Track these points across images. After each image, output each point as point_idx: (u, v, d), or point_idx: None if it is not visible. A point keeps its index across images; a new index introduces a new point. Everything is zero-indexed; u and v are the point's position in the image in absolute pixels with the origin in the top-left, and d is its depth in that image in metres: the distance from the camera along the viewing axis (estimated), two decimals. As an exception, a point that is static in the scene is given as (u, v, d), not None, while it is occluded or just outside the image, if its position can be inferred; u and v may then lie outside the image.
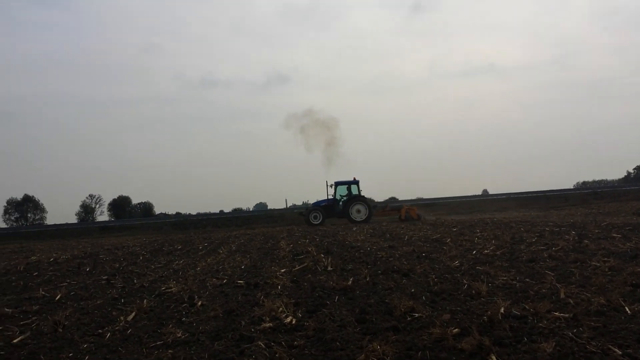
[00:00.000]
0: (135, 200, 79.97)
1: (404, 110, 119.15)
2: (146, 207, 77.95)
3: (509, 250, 10.27)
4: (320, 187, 32.33)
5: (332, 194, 32.04)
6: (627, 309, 5.02)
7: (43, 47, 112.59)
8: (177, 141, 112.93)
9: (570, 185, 63.89)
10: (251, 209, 66.75)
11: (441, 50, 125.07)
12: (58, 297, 7.98)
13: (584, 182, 70.94)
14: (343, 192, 31.90)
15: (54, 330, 5.71)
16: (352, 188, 31.77)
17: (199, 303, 6.73)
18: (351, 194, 31.58)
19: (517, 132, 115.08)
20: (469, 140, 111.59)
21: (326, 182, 32.53)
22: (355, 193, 31.59)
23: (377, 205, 38.19)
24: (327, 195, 32.34)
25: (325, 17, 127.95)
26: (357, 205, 30.82)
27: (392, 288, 6.99)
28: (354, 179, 32.01)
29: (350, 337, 4.73)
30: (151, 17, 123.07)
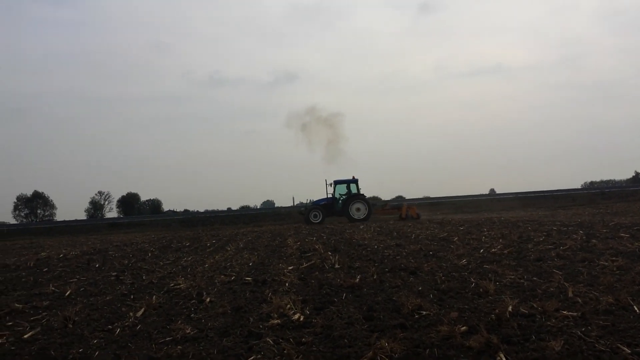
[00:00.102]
0: (143, 197, 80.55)
1: (410, 110, 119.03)
2: (154, 204, 78.35)
3: (517, 249, 10.25)
4: (321, 186, 32.11)
5: (331, 193, 32.06)
6: (636, 308, 5.02)
7: (52, 45, 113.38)
8: (185, 139, 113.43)
9: (577, 185, 63.57)
10: (258, 207, 66.86)
11: (447, 50, 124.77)
12: (68, 292, 8.03)
13: (592, 182, 70.55)
14: (342, 190, 31.88)
15: (64, 326, 5.75)
16: (351, 187, 31.77)
17: (208, 299, 6.77)
18: (350, 192, 31.57)
19: (524, 132, 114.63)
20: (475, 140, 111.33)
21: (325, 180, 32.63)
22: (354, 192, 31.57)
23: (377, 204, 38.12)
24: (326, 194, 32.38)
25: (332, 17, 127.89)
26: (357, 204, 30.78)
27: (400, 286, 7.01)
28: (353, 177, 32.01)
29: (358, 334, 4.75)
30: (159, 16, 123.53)
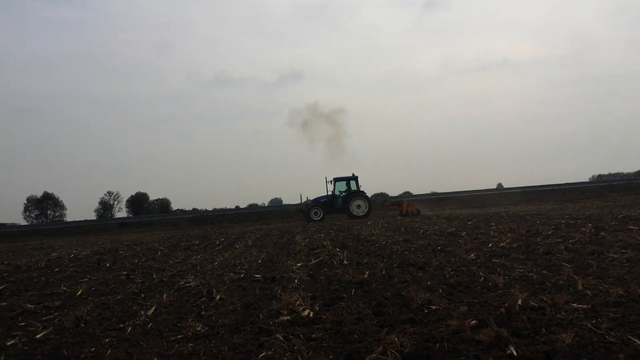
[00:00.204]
0: (152, 196, 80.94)
1: (417, 107, 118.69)
2: (163, 204, 78.70)
3: (525, 242, 10.22)
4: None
5: (331, 190, 32.07)
6: (646, 300, 5.00)
7: (60, 45, 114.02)
8: (192, 138, 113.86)
9: (585, 178, 63.22)
10: (266, 205, 66.98)
11: (453, 46, 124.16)
12: (79, 292, 8.08)
13: (600, 175, 70.04)
14: (342, 188, 31.89)
15: (76, 326, 5.79)
16: (351, 184, 31.75)
17: (218, 297, 6.80)
18: (350, 189, 31.56)
19: (531, 126, 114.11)
20: (482, 135, 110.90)
21: (325, 178, 32.65)
22: (354, 189, 31.53)
23: (377, 200, 38.05)
24: (327, 191, 32.41)
25: (337, 15, 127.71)
26: (357, 201, 30.78)
27: (409, 281, 7.01)
28: (353, 174, 32.00)
29: (368, 329, 4.76)
30: (165, 16, 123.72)
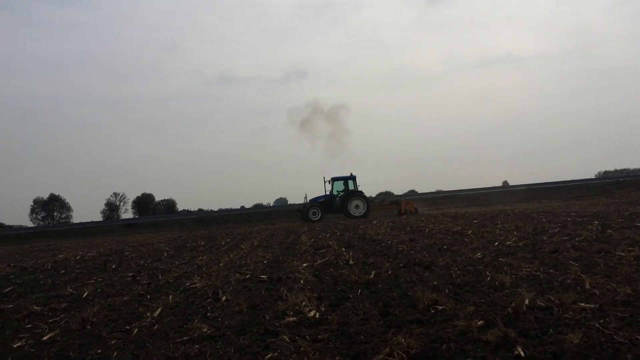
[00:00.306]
0: (158, 197, 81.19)
1: (421, 104, 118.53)
2: (169, 204, 78.95)
3: (532, 241, 10.17)
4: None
5: (329, 190, 32.11)
6: (655, 299, 4.96)
7: (65, 46, 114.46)
8: (197, 138, 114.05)
9: (591, 175, 62.93)
10: (272, 204, 67.04)
11: (457, 42, 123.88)
12: (85, 294, 8.10)
13: (606, 172, 69.75)
14: (340, 187, 31.91)
15: (82, 327, 5.80)
16: (349, 183, 31.74)
17: (224, 298, 6.80)
18: (348, 189, 31.54)
19: (536, 122, 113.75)
20: (487, 132, 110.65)
21: (323, 177, 32.75)
22: (352, 188, 31.53)
23: (375, 200, 38.03)
24: (325, 191, 32.43)
25: (341, 12, 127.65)
26: (356, 201, 30.81)
27: (415, 281, 6.99)
28: (351, 174, 32.01)
29: (374, 330, 4.75)
30: (169, 16, 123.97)
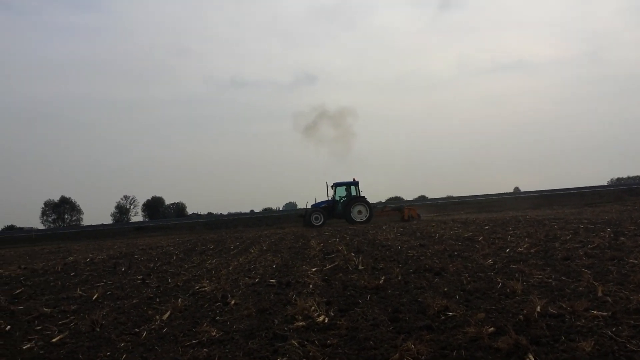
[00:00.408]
0: (168, 200, 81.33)
1: (432, 108, 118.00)
2: (179, 208, 79.08)
3: (543, 248, 10.08)
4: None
5: (331, 195, 32.06)
6: (669, 308, 4.89)
7: (77, 50, 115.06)
8: (207, 142, 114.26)
9: (604, 181, 62.20)
10: (281, 209, 67.11)
11: (468, 47, 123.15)
12: (95, 296, 8.14)
13: (619, 179, 68.97)
14: (342, 193, 31.84)
15: (92, 330, 5.82)
16: (352, 189, 31.68)
17: (232, 302, 6.80)
18: (350, 194, 31.48)
19: (548, 128, 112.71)
20: (498, 138, 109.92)
21: (326, 183, 32.72)
22: (355, 194, 31.46)
23: (377, 206, 37.91)
24: (327, 197, 32.41)
25: (352, 17, 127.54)
26: (358, 206, 30.70)
27: (425, 287, 6.94)
28: (354, 179, 31.91)
29: (384, 336, 4.72)
30: (180, 20, 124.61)
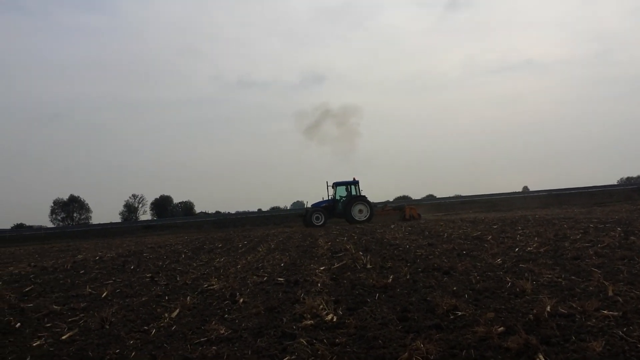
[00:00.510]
0: (176, 199, 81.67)
1: (440, 108, 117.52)
2: (187, 206, 79.40)
3: (553, 247, 10.02)
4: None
5: (331, 195, 32.20)
6: (681, 308, 4.84)
7: (86, 51, 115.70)
8: (215, 141, 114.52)
9: (613, 181, 61.75)
10: (289, 208, 67.14)
11: (476, 47, 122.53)
12: (104, 294, 8.17)
13: (628, 178, 68.38)
14: (342, 192, 31.94)
15: (101, 327, 5.84)
16: (352, 188, 31.76)
17: (241, 300, 6.80)
18: (351, 194, 31.54)
19: (556, 127, 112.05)
20: (507, 137, 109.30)
21: (326, 182, 32.83)
22: (355, 193, 31.55)
23: (377, 205, 37.95)
24: (328, 196, 32.51)
25: (359, 17, 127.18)
26: (359, 206, 30.82)
27: (433, 286, 6.91)
28: (354, 179, 32.01)
29: (393, 335, 4.70)
30: (188, 21, 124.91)
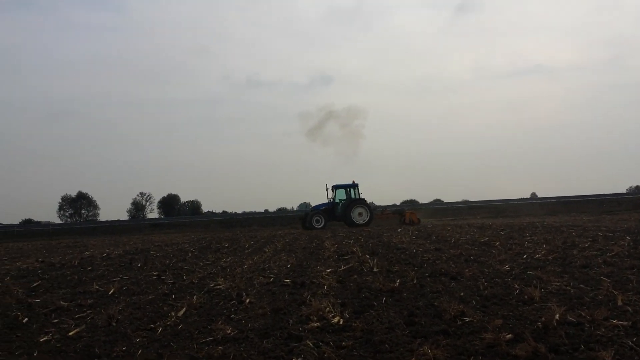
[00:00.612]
0: (183, 198, 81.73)
1: (448, 112, 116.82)
2: (194, 206, 79.49)
3: (561, 255, 9.96)
4: (360, 187, 31.96)
5: (331, 198, 32.25)
6: (691, 319, 4.79)
7: (95, 49, 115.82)
8: (223, 141, 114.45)
9: (622, 189, 61.17)
10: (295, 209, 67.12)
11: (486, 51, 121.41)
12: (111, 291, 8.19)
13: (637, 187, 67.78)
14: (342, 195, 31.95)
15: (108, 324, 5.85)
16: (351, 191, 31.76)
17: (247, 300, 6.80)
18: (350, 197, 31.54)
19: (566, 134, 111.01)
20: (516, 142, 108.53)
21: (326, 185, 32.87)
22: (354, 196, 31.53)
23: (376, 208, 37.92)
24: (327, 199, 32.57)
25: (369, 19, 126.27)
26: (359, 209, 30.79)
27: (441, 291, 6.88)
28: (353, 182, 32.01)
29: (400, 339, 4.67)
30: (198, 20, 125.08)
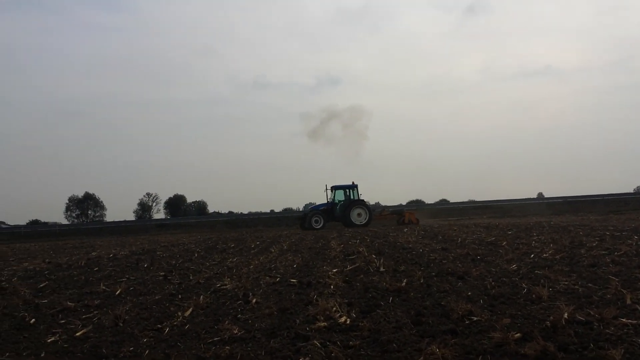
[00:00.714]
0: (190, 199, 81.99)
1: (456, 113, 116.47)
2: (200, 206, 79.74)
3: (569, 254, 9.91)
4: (366, 187, 32.17)
5: (330, 198, 32.32)
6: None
7: (102, 49, 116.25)
8: (229, 142, 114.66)
9: (630, 189, 60.85)
10: (301, 209, 67.14)
11: (494, 52, 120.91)
12: (118, 292, 8.20)
13: (644, 187, 67.32)
14: (341, 196, 32.05)
15: (115, 325, 5.85)
16: (351, 192, 31.85)
17: (254, 300, 6.79)
18: (349, 198, 31.63)
19: (573, 134, 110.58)
20: (523, 143, 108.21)
21: (325, 185, 32.94)
22: (353, 197, 31.63)
23: (375, 209, 37.93)
24: (326, 199, 32.63)
25: (377, 20, 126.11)
26: (358, 209, 30.92)
27: (448, 291, 6.86)
28: (352, 183, 32.14)
29: (407, 339, 4.65)
30: (205, 21, 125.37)
